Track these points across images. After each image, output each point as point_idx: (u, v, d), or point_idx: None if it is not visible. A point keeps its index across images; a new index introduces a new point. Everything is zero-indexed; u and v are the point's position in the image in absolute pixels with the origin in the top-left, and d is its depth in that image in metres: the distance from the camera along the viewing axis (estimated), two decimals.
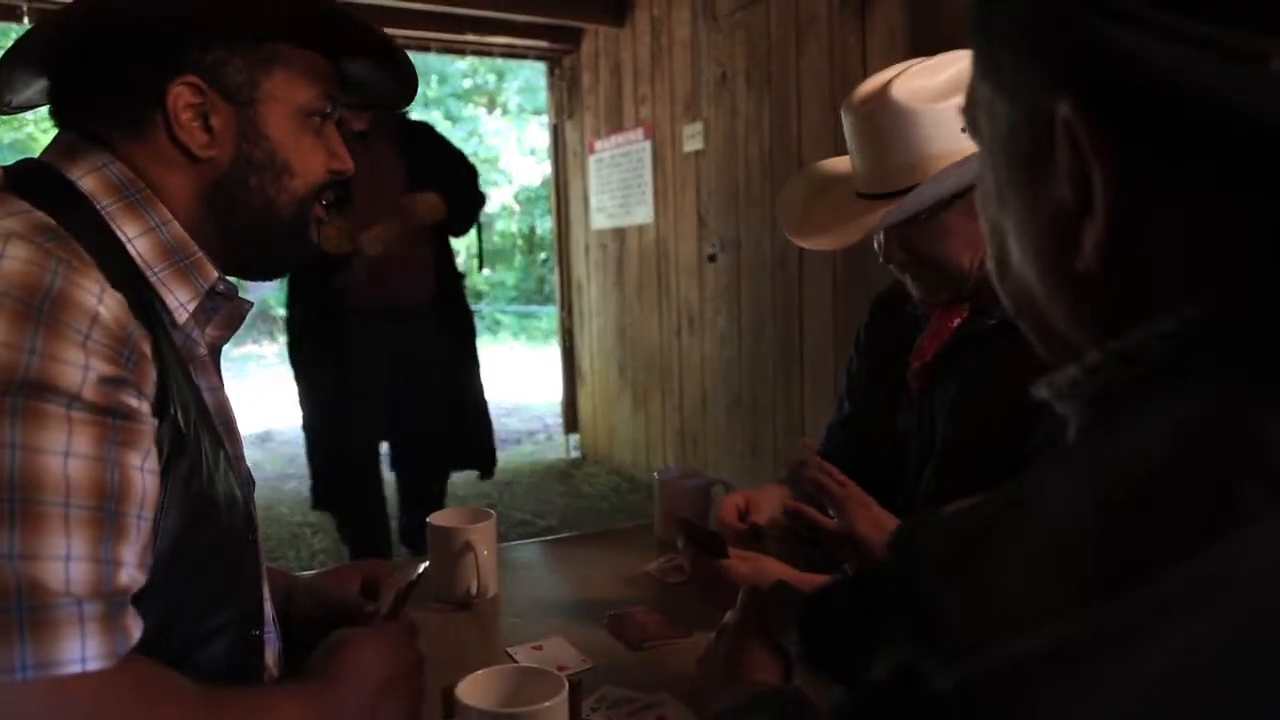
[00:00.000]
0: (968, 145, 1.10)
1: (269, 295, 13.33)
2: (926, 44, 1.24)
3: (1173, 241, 0.39)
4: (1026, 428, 1.13)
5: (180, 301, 0.85)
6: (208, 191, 0.88)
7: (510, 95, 12.20)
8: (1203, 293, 0.38)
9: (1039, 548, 0.34)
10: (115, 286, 0.75)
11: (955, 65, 1.15)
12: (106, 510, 0.71)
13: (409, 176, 3.08)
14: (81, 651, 0.67)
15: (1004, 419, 1.16)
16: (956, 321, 1.27)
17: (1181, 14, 0.34)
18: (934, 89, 1.13)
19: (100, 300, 0.73)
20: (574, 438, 5.62)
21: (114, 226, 0.83)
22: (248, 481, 0.95)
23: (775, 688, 0.82)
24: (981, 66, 0.46)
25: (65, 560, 0.68)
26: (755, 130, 3.76)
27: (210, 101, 0.86)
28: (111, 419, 0.72)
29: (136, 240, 0.84)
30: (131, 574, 0.73)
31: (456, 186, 3.18)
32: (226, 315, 0.93)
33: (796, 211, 1.32)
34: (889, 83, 1.14)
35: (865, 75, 1.25)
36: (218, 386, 0.92)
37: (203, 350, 0.90)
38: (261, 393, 7.83)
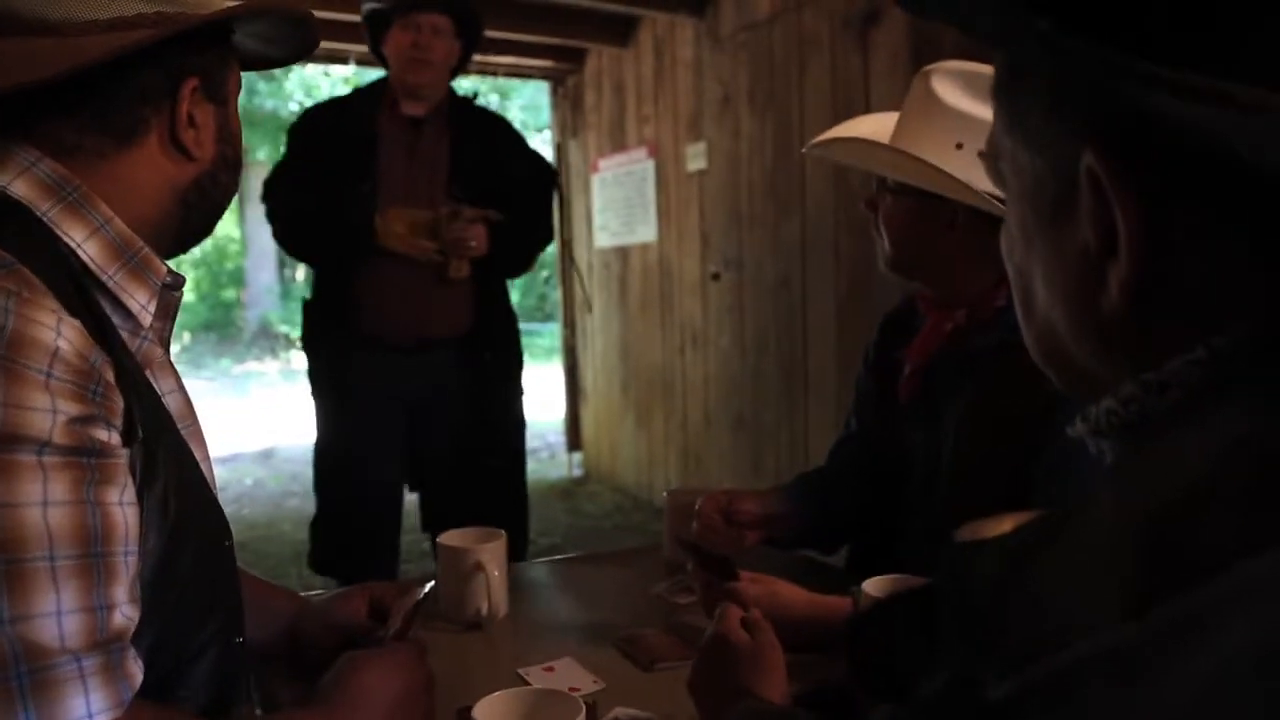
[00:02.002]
0: (953, 159, 1.15)
1: (271, 313, 13.35)
2: (928, 66, 1.28)
3: (1194, 278, 0.41)
4: (1037, 443, 1.13)
5: (141, 304, 0.83)
6: (187, 189, 0.87)
7: (514, 113, 12.28)
8: (1228, 324, 0.39)
9: (1090, 561, 0.35)
10: (71, 312, 0.72)
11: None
12: (93, 554, 0.69)
13: (451, 178, 2.45)
14: (87, 707, 0.66)
15: (1014, 434, 1.17)
16: (950, 326, 1.29)
17: (1198, 72, 0.36)
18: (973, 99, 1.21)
19: (59, 333, 0.69)
20: (576, 456, 5.62)
21: (59, 233, 0.77)
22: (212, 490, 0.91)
23: (786, 708, 0.82)
24: (1006, 122, 0.48)
25: (57, 615, 0.66)
26: (758, 151, 3.78)
27: (197, 101, 0.85)
28: (85, 458, 0.70)
29: (85, 245, 0.79)
30: (126, 613, 0.72)
31: (516, 203, 2.47)
32: (162, 306, 0.88)
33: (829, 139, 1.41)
34: (940, 68, 1.25)
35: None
36: (176, 388, 0.89)
37: (160, 352, 0.87)
38: (264, 410, 7.84)
